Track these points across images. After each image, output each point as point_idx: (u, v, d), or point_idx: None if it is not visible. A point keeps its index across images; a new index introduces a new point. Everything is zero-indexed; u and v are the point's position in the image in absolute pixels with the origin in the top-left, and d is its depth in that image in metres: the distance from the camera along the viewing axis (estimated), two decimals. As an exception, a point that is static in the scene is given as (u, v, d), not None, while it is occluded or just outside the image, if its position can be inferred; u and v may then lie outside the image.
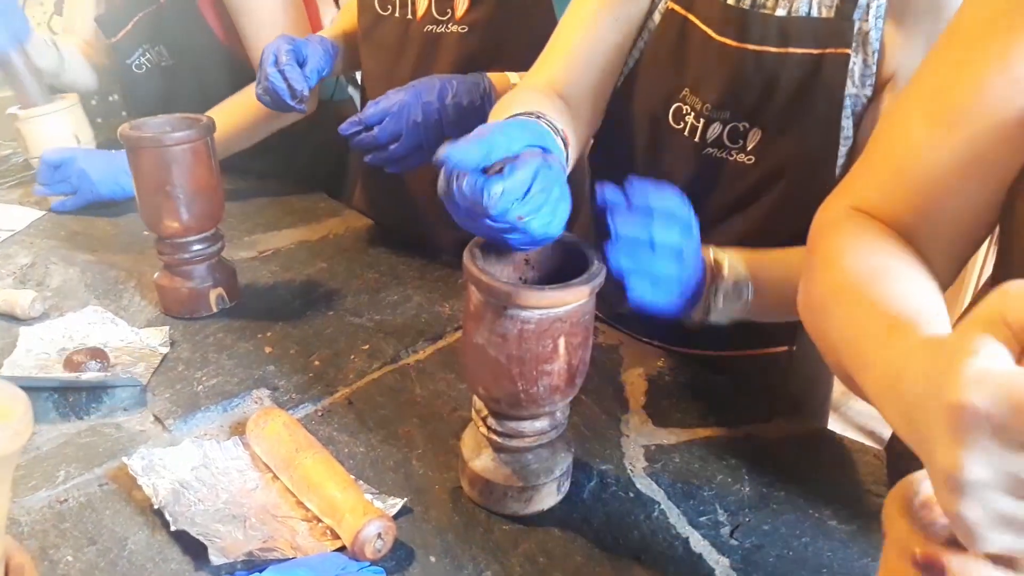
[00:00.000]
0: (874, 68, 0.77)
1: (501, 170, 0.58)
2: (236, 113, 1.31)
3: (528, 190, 0.57)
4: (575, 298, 0.59)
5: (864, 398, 0.50)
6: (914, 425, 0.39)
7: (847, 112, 0.79)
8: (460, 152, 0.57)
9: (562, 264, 0.66)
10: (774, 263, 0.76)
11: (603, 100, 0.93)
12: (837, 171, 0.80)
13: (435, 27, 1.15)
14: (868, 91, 0.78)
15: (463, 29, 1.13)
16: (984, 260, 1.93)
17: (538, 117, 0.71)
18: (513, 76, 1.05)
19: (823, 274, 0.61)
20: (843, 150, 0.80)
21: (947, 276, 0.63)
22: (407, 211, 1.33)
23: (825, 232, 0.65)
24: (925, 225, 0.61)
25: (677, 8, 0.86)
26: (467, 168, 0.57)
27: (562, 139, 0.73)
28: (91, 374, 0.83)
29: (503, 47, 1.10)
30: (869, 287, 0.54)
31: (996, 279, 0.65)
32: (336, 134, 1.16)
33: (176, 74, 1.43)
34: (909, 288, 0.53)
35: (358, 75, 1.47)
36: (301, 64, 1.12)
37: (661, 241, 0.64)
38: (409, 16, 1.17)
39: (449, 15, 1.13)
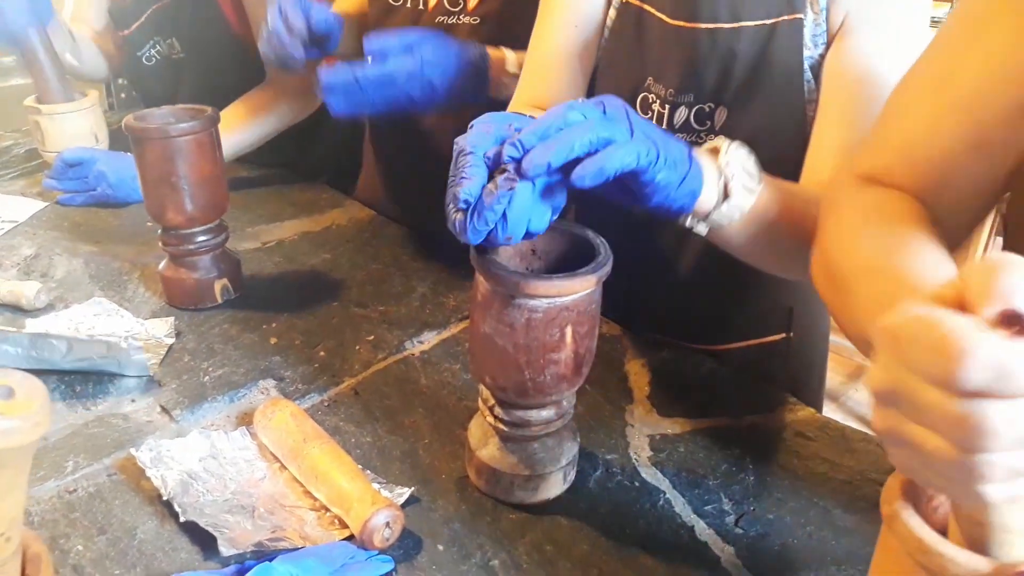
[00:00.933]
0: (824, 26, 0.78)
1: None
2: (246, 113, 1.32)
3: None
4: (582, 287, 0.60)
5: (865, 347, 0.52)
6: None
7: (807, 75, 0.80)
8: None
9: (568, 253, 0.67)
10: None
11: None
12: (807, 129, 0.81)
13: (447, 18, 1.15)
14: (822, 49, 0.79)
15: (475, 20, 1.13)
16: (992, 226, 1.94)
17: None
18: (509, 52, 1.06)
19: (841, 251, 0.62)
20: (809, 108, 0.81)
21: (954, 242, 0.63)
22: (412, 200, 1.34)
23: (839, 204, 0.66)
24: (932, 198, 0.62)
25: (632, 0, 0.86)
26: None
27: None
28: (102, 338, 0.83)
29: (513, 37, 1.10)
30: (888, 265, 0.56)
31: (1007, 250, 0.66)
32: (343, 123, 1.16)
33: (186, 67, 1.44)
34: (926, 261, 0.55)
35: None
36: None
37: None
38: (421, 7, 1.17)
39: (461, 6, 1.14)
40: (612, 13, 0.89)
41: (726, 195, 0.66)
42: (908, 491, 0.40)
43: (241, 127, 1.33)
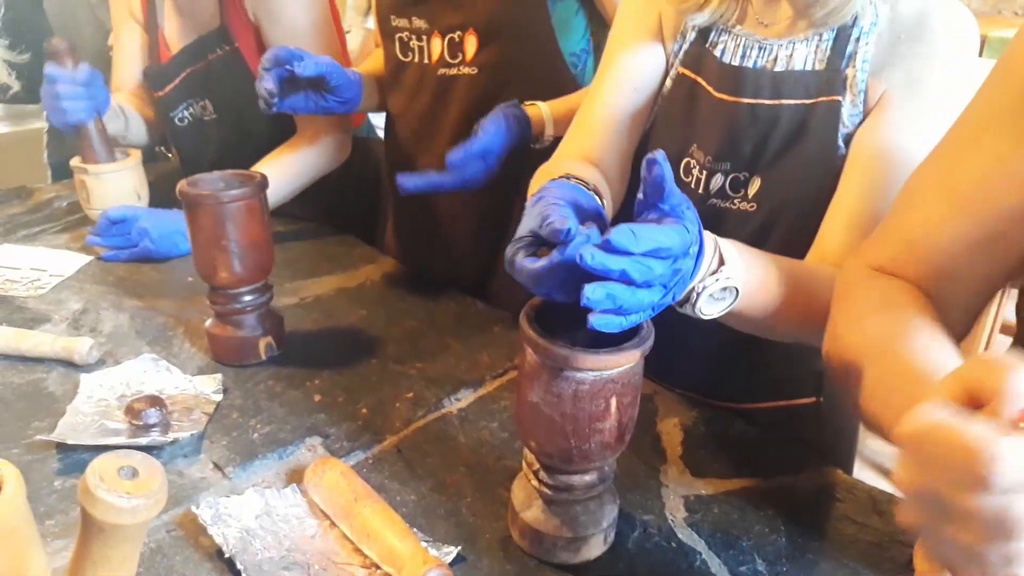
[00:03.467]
0: (861, 107, 0.83)
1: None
2: (279, 165, 1.37)
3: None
4: (627, 361, 0.63)
5: (891, 442, 0.56)
6: None
7: (842, 149, 0.84)
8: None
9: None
10: (775, 279, 0.76)
11: (629, 164, 0.98)
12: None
13: (448, 70, 1.23)
14: (856, 126, 0.83)
15: (473, 71, 1.21)
16: (997, 309, 1.97)
17: (581, 182, 0.76)
18: (545, 110, 1.14)
19: (852, 333, 0.66)
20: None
21: (961, 328, 0.67)
22: (437, 254, 1.38)
23: (849, 291, 0.70)
24: (938, 290, 0.66)
25: (687, 72, 0.92)
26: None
27: (600, 200, 0.78)
28: (154, 437, 0.87)
29: (511, 84, 1.19)
30: (893, 349, 0.59)
31: (1019, 341, 0.69)
32: (369, 172, 1.23)
33: (217, 128, 1.50)
34: (928, 346, 0.58)
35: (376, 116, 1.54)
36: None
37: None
38: (426, 61, 1.25)
39: (460, 58, 1.21)
40: (668, 82, 0.95)
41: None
42: None
43: (275, 179, 1.38)
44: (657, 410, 0.96)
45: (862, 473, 2.40)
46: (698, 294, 0.68)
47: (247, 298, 1.01)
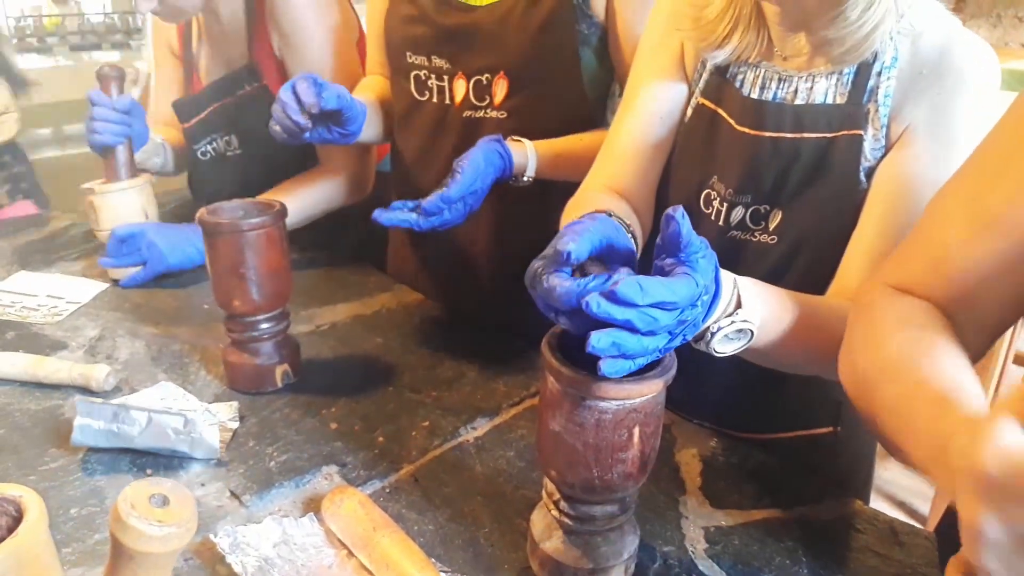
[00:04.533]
0: (883, 141, 0.83)
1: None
2: (296, 190, 1.39)
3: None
4: (650, 390, 0.63)
5: (907, 463, 0.57)
6: (957, 492, 0.44)
7: (863, 183, 0.84)
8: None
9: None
10: (792, 316, 0.76)
11: (654, 193, 0.99)
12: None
13: (474, 112, 1.22)
14: (877, 160, 0.84)
15: (502, 115, 1.20)
16: (1013, 333, 1.96)
17: (610, 215, 0.76)
18: (531, 151, 1.13)
19: (869, 352, 0.66)
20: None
21: (979, 350, 0.67)
22: (436, 285, 1.38)
23: (868, 308, 0.70)
24: (958, 311, 0.66)
25: (707, 103, 0.93)
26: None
27: (631, 234, 0.78)
28: (178, 413, 0.87)
29: (538, 128, 1.17)
30: (914, 368, 0.60)
31: None
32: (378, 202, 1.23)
33: (240, 163, 1.52)
34: (949, 366, 0.58)
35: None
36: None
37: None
38: (447, 102, 1.23)
39: (488, 101, 1.20)
40: (689, 112, 0.95)
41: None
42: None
43: (291, 204, 1.39)
44: (676, 440, 0.95)
45: (875, 503, 2.37)
46: (712, 334, 0.68)
47: (264, 326, 1.02)
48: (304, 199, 1.41)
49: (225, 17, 1.43)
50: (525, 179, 1.14)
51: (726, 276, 0.68)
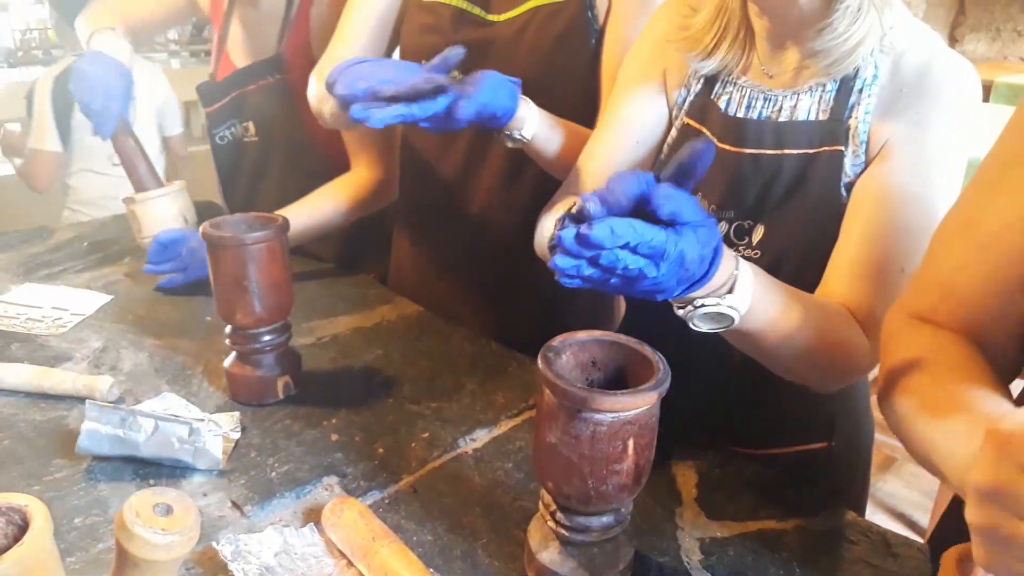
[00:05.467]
0: (863, 157, 0.85)
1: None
2: (312, 210, 1.42)
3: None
4: (644, 403, 0.64)
5: (943, 479, 0.58)
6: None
7: (844, 197, 0.86)
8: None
9: (625, 366, 0.72)
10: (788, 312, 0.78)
11: None
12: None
13: None
14: (857, 175, 0.85)
15: None
16: None
17: None
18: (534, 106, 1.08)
19: (901, 385, 0.67)
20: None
21: (1008, 370, 0.68)
22: (449, 297, 1.40)
23: (895, 343, 0.71)
24: (978, 333, 0.67)
25: (692, 122, 0.95)
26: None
27: None
28: (184, 421, 0.88)
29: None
30: (947, 397, 0.60)
31: None
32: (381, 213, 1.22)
33: (255, 150, 1.56)
34: (980, 394, 0.59)
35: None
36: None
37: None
38: None
39: None
40: (673, 132, 0.97)
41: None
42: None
43: (327, 208, 1.43)
44: (672, 453, 0.96)
45: (875, 516, 2.38)
46: (695, 308, 0.71)
47: (266, 338, 1.03)
48: (338, 204, 1.43)
49: (264, 5, 1.46)
50: (519, 135, 1.02)
51: (728, 256, 0.70)
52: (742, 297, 0.71)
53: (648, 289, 0.66)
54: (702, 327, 0.73)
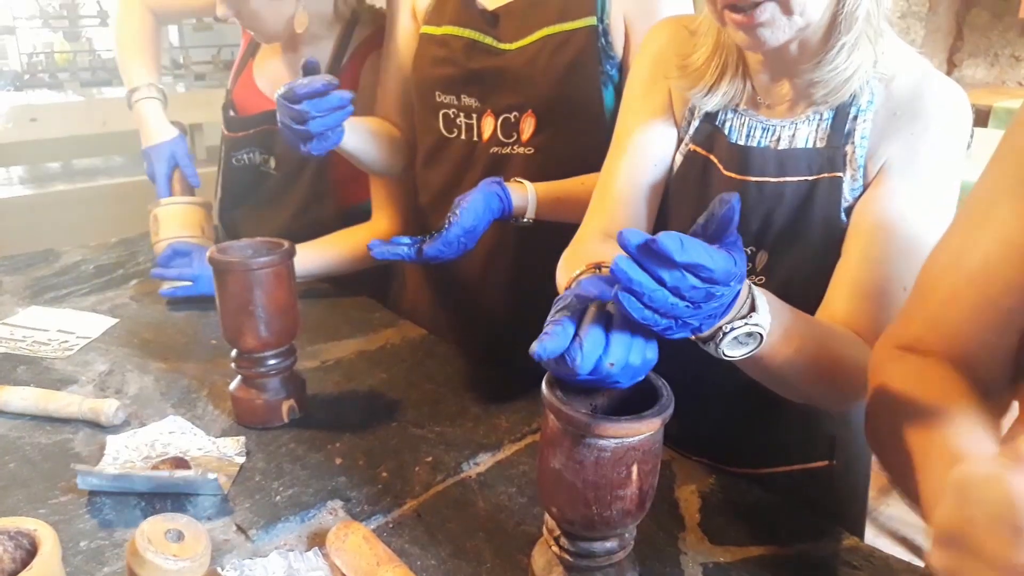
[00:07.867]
0: (861, 181, 0.87)
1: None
2: (327, 252, 1.45)
3: (607, 341, 0.63)
4: (648, 429, 0.65)
5: (916, 508, 0.59)
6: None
7: (843, 223, 0.87)
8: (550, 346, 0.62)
9: (630, 392, 0.72)
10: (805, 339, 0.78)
11: None
12: None
13: (501, 148, 1.25)
14: (856, 199, 0.87)
15: (529, 151, 1.23)
16: None
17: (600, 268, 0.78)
18: (531, 192, 1.15)
19: (883, 418, 0.68)
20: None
21: (998, 400, 0.68)
22: (453, 320, 1.40)
23: (879, 375, 0.71)
24: (966, 364, 0.67)
25: (699, 150, 0.96)
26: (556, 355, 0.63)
27: None
28: (181, 473, 0.89)
29: (564, 164, 1.20)
30: (923, 434, 0.61)
31: None
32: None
33: (271, 181, 1.58)
34: (957, 430, 0.59)
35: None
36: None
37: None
38: (475, 139, 1.27)
39: (515, 138, 1.23)
40: (679, 158, 0.98)
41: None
42: None
43: (327, 263, 1.47)
44: (675, 477, 0.96)
45: (878, 540, 2.37)
46: (724, 334, 0.69)
47: (272, 362, 1.04)
48: (355, 249, 1.46)
49: (305, 53, 1.47)
50: (525, 220, 1.16)
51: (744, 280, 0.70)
52: (763, 313, 0.71)
53: (709, 314, 0.65)
54: (733, 354, 0.71)
